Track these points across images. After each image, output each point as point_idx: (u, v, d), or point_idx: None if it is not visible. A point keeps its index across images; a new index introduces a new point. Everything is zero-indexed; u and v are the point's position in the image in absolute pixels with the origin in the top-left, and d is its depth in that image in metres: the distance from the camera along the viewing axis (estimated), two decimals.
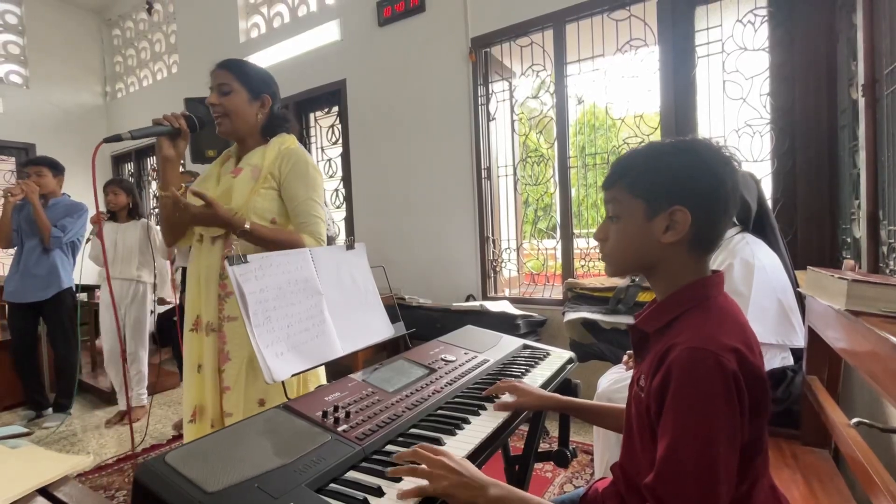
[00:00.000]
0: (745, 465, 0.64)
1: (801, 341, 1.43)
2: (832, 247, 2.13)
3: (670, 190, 0.69)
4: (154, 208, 3.10)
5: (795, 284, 1.49)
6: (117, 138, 1.20)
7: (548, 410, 1.01)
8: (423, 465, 0.68)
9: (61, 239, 2.87)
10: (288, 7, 4.20)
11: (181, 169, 3.17)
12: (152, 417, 2.92)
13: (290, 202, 1.33)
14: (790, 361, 1.53)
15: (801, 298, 1.44)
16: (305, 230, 1.32)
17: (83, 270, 2.88)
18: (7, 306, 2.95)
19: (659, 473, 0.61)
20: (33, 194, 2.72)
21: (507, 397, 0.98)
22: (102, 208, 2.94)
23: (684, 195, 0.69)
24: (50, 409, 3.06)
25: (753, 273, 1.41)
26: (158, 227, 2.74)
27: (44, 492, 0.76)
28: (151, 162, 5.58)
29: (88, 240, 2.96)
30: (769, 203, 1.69)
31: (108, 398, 3.29)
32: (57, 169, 2.94)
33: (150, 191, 5.62)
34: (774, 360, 1.50)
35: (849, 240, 1.89)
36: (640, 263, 0.75)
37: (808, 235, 2.19)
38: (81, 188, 3.16)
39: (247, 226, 1.23)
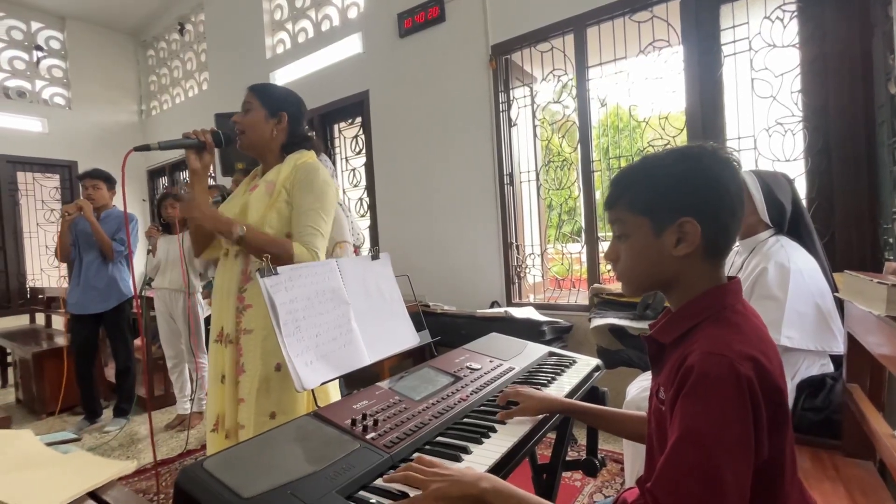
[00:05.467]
0: (766, 487, 0.61)
1: (841, 347, 1.38)
2: (873, 248, 2.03)
3: (673, 202, 0.68)
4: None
5: (834, 288, 1.44)
6: (146, 148, 1.29)
7: (550, 413, 0.98)
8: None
9: (123, 253, 3.03)
10: (312, 22, 4.32)
11: (211, 183, 3.28)
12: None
13: (294, 212, 1.35)
14: (830, 368, 1.47)
15: (840, 303, 1.38)
16: (300, 239, 1.31)
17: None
18: (70, 317, 3.12)
19: (659, 474, 0.59)
20: (89, 213, 2.87)
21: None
22: (131, 212, 3.10)
23: (689, 205, 0.67)
24: (101, 417, 3.21)
25: (789, 277, 1.36)
26: None
27: (93, 495, 0.80)
28: (184, 175, 5.81)
29: (149, 251, 3.16)
30: (804, 204, 1.63)
31: (144, 403, 3.41)
32: (110, 182, 3.12)
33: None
34: (813, 368, 1.44)
35: (891, 240, 1.81)
36: (657, 279, 0.73)
37: (847, 237, 2.10)
38: (119, 201, 3.33)
39: (241, 232, 1.25)
